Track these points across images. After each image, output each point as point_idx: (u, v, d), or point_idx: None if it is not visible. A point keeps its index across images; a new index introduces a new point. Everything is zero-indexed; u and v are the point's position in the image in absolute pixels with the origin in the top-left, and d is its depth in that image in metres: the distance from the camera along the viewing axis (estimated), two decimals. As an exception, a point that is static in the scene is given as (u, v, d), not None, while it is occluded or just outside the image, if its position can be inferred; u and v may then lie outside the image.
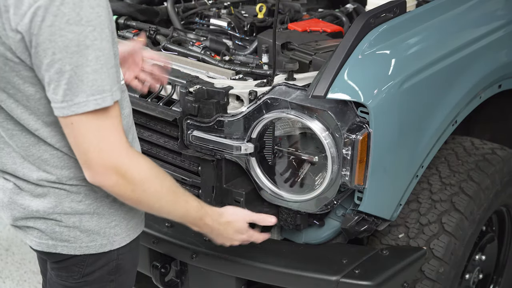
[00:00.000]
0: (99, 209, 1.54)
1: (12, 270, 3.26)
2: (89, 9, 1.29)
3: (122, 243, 1.60)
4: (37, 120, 1.44)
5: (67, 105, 1.33)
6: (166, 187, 1.50)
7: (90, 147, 1.36)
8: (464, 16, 2.25)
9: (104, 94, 1.34)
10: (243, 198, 2.01)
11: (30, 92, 1.39)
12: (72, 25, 1.28)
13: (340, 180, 1.89)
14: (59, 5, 1.27)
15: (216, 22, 2.61)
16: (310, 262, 1.99)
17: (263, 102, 1.93)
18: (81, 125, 1.35)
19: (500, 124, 2.81)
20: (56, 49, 1.29)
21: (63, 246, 1.56)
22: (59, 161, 1.49)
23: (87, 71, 1.31)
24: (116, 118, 1.38)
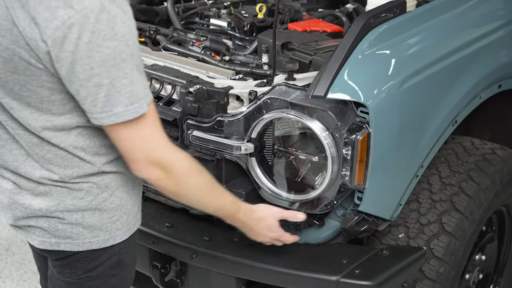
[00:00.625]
0: (100, 205, 1.56)
1: (12, 270, 3.26)
2: (122, 24, 1.35)
3: (123, 237, 1.62)
4: (45, 121, 1.46)
5: (106, 115, 1.39)
6: (205, 182, 1.60)
7: (133, 149, 1.45)
8: (464, 16, 2.25)
9: (140, 101, 1.41)
10: (243, 198, 2.01)
11: (45, 94, 1.42)
12: (108, 40, 1.33)
13: (340, 180, 1.89)
14: (94, 22, 1.32)
15: (216, 22, 2.61)
16: (310, 262, 1.99)
17: (263, 102, 1.93)
18: (122, 132, 1.43)
19: (500, 124, 2.81)
20: (94, 64, 1.34)
21: (66, 243, 1.57)
22: (62, 160, 1.51)
23: (123, 83, 1.37)
24: (153, 118, 1.45)
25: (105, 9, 1.33)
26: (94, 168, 1.53)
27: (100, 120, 1.41)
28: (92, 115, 1.41)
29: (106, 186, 1.56)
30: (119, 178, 1.58)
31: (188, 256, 2.06)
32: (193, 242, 2.06)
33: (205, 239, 2.06)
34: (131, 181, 1.61)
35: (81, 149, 1.50)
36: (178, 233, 2.11)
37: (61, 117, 1.45)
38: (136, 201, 1.65)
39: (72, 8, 1.31)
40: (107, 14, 1.33)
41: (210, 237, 2.07)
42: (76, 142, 1.49)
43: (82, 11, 1.31)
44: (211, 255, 2.03)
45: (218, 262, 2.03)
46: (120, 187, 1.59)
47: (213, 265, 2.05)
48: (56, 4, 1.31)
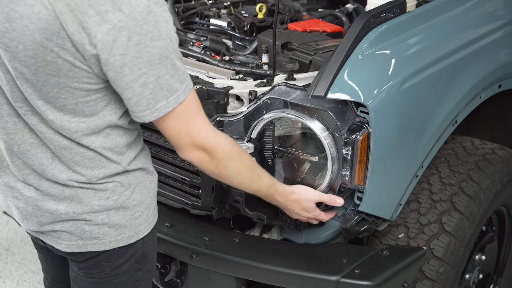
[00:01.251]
0: (125, 203, 1.59)
1: (12, 270, 3.26)
2: (165, 23, 1.41)
3: (146, 232, 1.66)
4: (78, 122, 1.48)
5: (150, 112, 1.45)
6: (245, 165, 1.66)
7: (179, 135, 1.52)
8: (464, 16, 2.25)
9: (179, 91, 1.46)
10: (243, 198, 2.01)
11: (82, 95, 1.45)
12: (156, 40, 1.39)
13: (340, 180, 1.89)
14: (142, 24, 1.36)
15: (216, 22, 2.60)
16: (310, 262, 1.99)
17: (263, 102, 1.93)
18: (166, 122, 1.49)
19: (500, 124, 2.81)
20: (142, 64, 1.39)
21: (93, 244, 1.60)
22: (90, 162, 1.54)
23: (166, 78, 1.43)
24: (195, 105, 1.51)
25: (152, 10, 1.37)
26: (120, 167, 1.57)
27: (142, 118, 1.46)
28: (135, 114, 1.47)
29: (129, 184, 1.60)
30: (139, 174, 1.62)
31: (188, 256, 2.06)
32: (193, 242, 2.06)
33: (205, 239, 2.06)
34: (148, 175, 1.66)
35: (109, 149, 1.53)
36: (178, 233, 2.11)
37: (93, 117, 1.48)
38: (154, 195, 1.69)
39: (121, 11, 1.35)
40: (153, 15, 1.38)
41: (210, 237, 2.07)
42: (105, 143, 1.52)
43: (131, 14, 1.35)
44: (211, 255, 2.03)
45: (218, 262, 2.03)
46: (140, 183, 1.63)
47: (213, 265, 2.05)
48: (106, 8, 1.34)
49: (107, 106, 1.49)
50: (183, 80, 1.47)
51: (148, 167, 1.66)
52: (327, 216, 1.96)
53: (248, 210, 2.03)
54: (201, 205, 2.09)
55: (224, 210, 2.07)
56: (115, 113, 1.50)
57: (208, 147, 1.55)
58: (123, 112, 1.52)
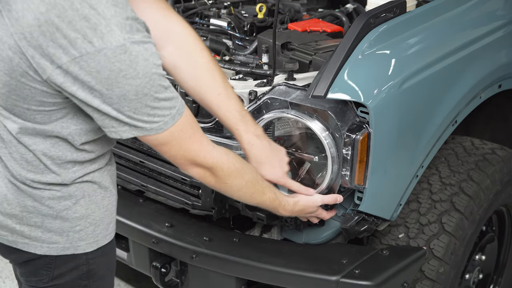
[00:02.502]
0: (61, 213, 1.52)
1: (12, 270, 3.26)
2: (144, 62, 1.32)
3: (88, 248, 1.57)
4: (24, 123, 1.42)
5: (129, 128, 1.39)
6: (246, 180, 1.66)
7: (175, 158, 1.51)
8: (464, 16, 2.25)
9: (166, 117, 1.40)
10: (243, 198, 2.01)
11: (36, 104, 1.39)
12: (130, 79, 1.32)
13: (340, 180, 1.89)
14: (114, 61, 1.30)
15: (216, 22, 2.60)
16: (310, 262, 1.99)
17: (263, 102, 1.93)
18: (159, 147, 1.47)
19: (500, 124, 2.81)
20: (113, 96, 1.33)
21: (23, 244, 1.54)
22: (27, 164, 1.47)
23: (146, 110, 1.36)
24: (188, 128, 1.47)
25: (127, 50, 1.30)
26: (58, 178, 1.49)
27: (120, 133, 1.40)
28: (112, 129, 1.39)
29: (70, 195, 1.52)
30: (86, 186, 1.54)
31: (188, 256, 2.05)
32: (193, 242, 2.06)
33: (205, 239, 2.06)
34: (101, 190, 1.57)
35: (50, 158, 1.46)
36: (178, 233, 2.11)
37: (44, 125, 1.42)
38: (106, 212, 1.59)
39: (91, 43, 1.28)
40: (128, 55, 1.30)
41: (210, 237, 2.07)
42: (48, 150, 1.46)
43: (102, 50, 1.28)
44: (211, 255, 2.03)
45: (218, 262, 2.03)
46: (87, 197, 1.54)
47: (213, 265, 2.05)
48: (75, 35, 1.27)
49: (62, 119, 1.42)
50: (171, 107, 1.40)
51: (102, 182, 1.56)
52: (328, 214, 1.97)
53: (248, 210, 2.03)
54: (201, 205, 2.09)
55: (224, 210, 2.07)
56: (68, 127, 1.43)
57: (207, 166, 1.54)
58: (78, 132, 1.45)
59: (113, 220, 1.64)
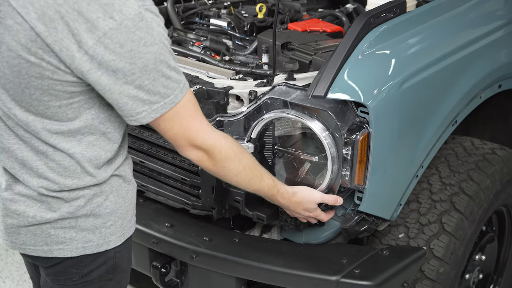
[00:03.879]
0: (95, 210, 1.55)
1: (12, 270, 3.26)
2: (158, 27, 1.40)
3: (117, 242, 1.61)
4: (60, 125, 1.45)
5: (147, 113, 1.44)
6: (244, 165, 1.66)
7: (177, 137, 1.52)
8: (464, 16, 2.25)
9: (176, 91, 1.45)
10: (243, 198, 2.01)
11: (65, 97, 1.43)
12: (149, 46, 1.37)
13: (340, 180, 1.89)
14: (135, 30, 1.36)
15: (216, 22, 2.61)
16: (310, 262, 1.99)
17: (263, 102, 1.93)
18: (163, 125, 1.48)
19: (500, 124, 2.81)
20: (136, 69, 1.39)
21: (59, 250, 1.55)
22: (64, 170, 1.50)
23: (161, 80, 1.42)
24: (192, 105, 1.50)
25: (143, 17, 1.36)
26: (94, 180, 1.53)
27: (139, 120, 1.45)
28: (132, 117, 1.45)
29: (101, 191, 1.55)
30: (114, 182, 1.58)
31: (188, 256, 2.06)
32: (193, 242, 2.06)
33: (205, 239, 2.06)
34: (125, 184, 1.61)
35: (88, 160, 1.50)
36: (178, 233, 2.11)
37: (76, 120, 1.46)
38: (130, 205, 1.64)
39: (112, 18, 1.33)
40: (145, 21, 1.36)
41: (210, 237, 2.07)
42: (85, 151, 1.49)
43: (123, 22, 1.34)
44: (211, 255, 2.03)
45: (218, 262, 2.03)
46: (115, 191, 1.58)
47: (213, 265, 2.05)
48: (96, 15, 1.33)
49: (91, 109, 1.46)
50: (179, 80, 1.46)
51: (126, 175, 1.62)
52: (327, 216, 1.96)
53: (248, 210, 2.03)
54: (201, 205, 2.09)
55: (224, 210, 2.07)
56: (98, 117, 1.48)
57: (206, 147, 1.55)
58: (107, 118, 1.50)
59: (134, 211, 1.69)
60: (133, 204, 1.66)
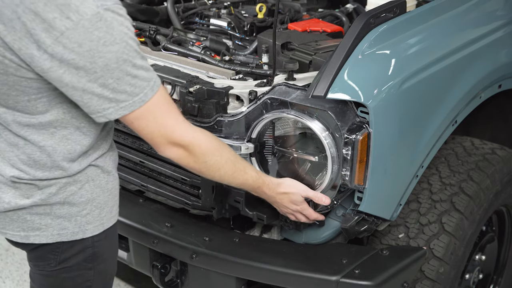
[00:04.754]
0: (68, 198, 1.57)
1: (12, 270, 3.26)
2: (119, 27, 1.39)
3: (95, 231, 1.63)
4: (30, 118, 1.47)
5: (114, 110, 1.43)
6: (225, 158, 1.66)
7: (153, 136, 1.52)
8: (464, 16, 2.25)
9: (145, 89, 1.44)
10: (243, 198, 2.01)
11: (33, 92, 1.44)
12: (109, 46, 1.37)
13: (340, 180, 1.89)
14: (92, 30, 1.35)
15: (216, 22, 2.61)
16: (310, 262, 1.99)
17: (263, 102, 1.93)
18: (137, 123, 1.48)
19: (500, 124, 2.81)
20: (97, 68, 1.38)
21: (35, 236, 1.58)
22: (34, 163, 1.52)
23: (127, 79, 1.41)
24: (165, 103, 1.50)
25: (102, 17, 1.36)
26: (64, 174, 1.54)
27: (107, 116, 1.44)
28: (99, 113, 1.44)
29: (74, 180, 1.56)
30: (90, 172, 1.59)
31: (188, 256, 2.05)
32: (193, 242, 2.06)
33: (205, 239, 2.06)
34: (104, 175, 1.62)
35: (60, 153, 1.51)
36: (178, 233, 2.11)
37: (47, 113, 1.47)
38: (110, 195, 1.65)
39: (69, 19, 1.34)
40: (104, 21, 1.36)
41: (210, 237, 2.07)
42: (57, 145, 1.50)
43: (80, 22, 1.34)
44: (211, 255, 2.03)
45: (218, 262, 2.03)
46: (91, 181, 1.59)
47: (213, 265, 2.05)
48: (53, 15, 1.33)
49: (63, 103, 1.47)
50: (149, 78, 1.45)
51: (105, 166, 1.62)
52: (315, 214, 1.95)
53: (248, 210, 2.03)
54: (201, 205, 2.09)
55: (224, 210, 2.07)
56: (69, 111, 1.48)
57: (184, 143, 1.54)
58: (79, 112, 1.49)
59: (116, 203, 1.69)
60: (114, 195, 1.67)
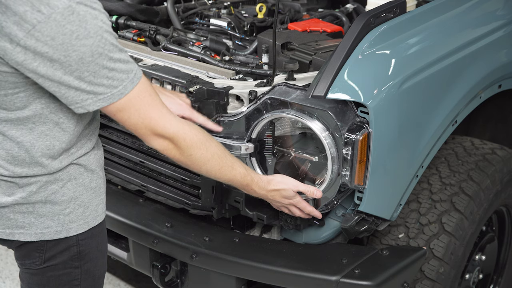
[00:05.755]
0: (50, 197, 1.56)
1: (12, 270, 3.26)
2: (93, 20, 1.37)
3: (79, 230, 1.62)
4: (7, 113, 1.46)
5: (92, 101, 1.42)
6: (211, 152, 1.64)
7: (136, 127, 1.51)
8: (464, 16, 2.25)
9: (124, 82, 1.44)
10: (243, 198, 2.01)
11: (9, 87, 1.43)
12: (83, 39, 1.36)
13: (340, 180, 1.89)
14: (65, 24, 1.34)
15: (216, 22, 2.61)
16: (310, 262, 1.99)
17: (263, 102, 1.93)
18: (119, 115, 1.48)
19: (500, 124, 2.81)
20: (72, 62, 1.37)
21: (19, 234, 1.58)
22: (13, 159, 1.51)
23: (104, 72, 1.40)
24: (147, 95, 1.49)
25: (74, 10, 1.35)
26: (44, 170, 1.53)
27: (85, 107, 1.43)
28: (77, 104, 1.43)
29: (55, 179, 1.56)
30: (72, 170, 1.58)
31: (188, 256, 2.06)
32: (193, 242, 2.06)
33: (205, 239, 2.06)
34: (88, 173, 1.61)
35: (39, 149, 1.50)
36: (178, 233, 2.11)
37: (25, 109, 1.46)
38: (93, 194, 1.64)
39: (40, 12, 1.33)
40: (76, 15, 1.35)
41: (210, 237, 2.07)
42: (36, 141, 1.49)
43: (51, 15, 1.33)
44: (211, 255, 2.03)
45: (218, 262, 2.03)
46: (73, 180, 1.58)
47: (213, 265, 2.05)
48: (24, 8, 1.33)
49: (41, 99, 1.46)
50: (128, 70, 1.44)
51: (88, 165, 1.61)
52: (309, 206, 1.93)
53: (248, 210, 2.03)
54: (201, 205, 2.09)
55: (224, 210, 2.07)
56: (48, 106, 1.47)
57: (169, 135, 1.54)
58: (58, 107, 1.49)
59: (102, 201, 1.68)
60: (98, 193, 1.66)
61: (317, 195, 1.90)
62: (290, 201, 1.90)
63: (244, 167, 1.76)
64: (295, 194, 1.88)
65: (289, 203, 1.91)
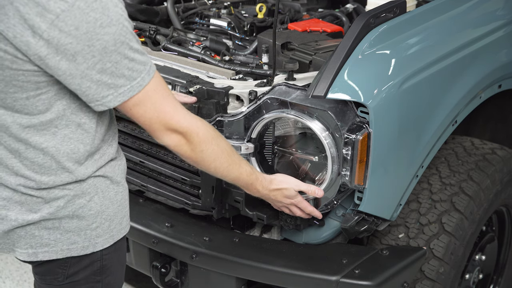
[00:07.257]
0: (77, 211, 1.53)
1: (12, 270, 3.26)
2: (114, 8, 1.36)
3: (105, 244, 1.58)
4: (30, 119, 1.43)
5: (113, 97, 1.41)
6: (222, 148, 1.63)
7: (151, 122, 1.49)
8: (464, 16, 2.25)
9: (142, 73, 1.42)
10: (243, 198, 2.01)
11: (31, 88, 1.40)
12: (106, 27, 1.34)
13: (340, 180, 1.89)
14: (88, 12, 1.32)
15: (216, 22, 2.61)
16: (310, 262, 1.99)
17: (263, 102, 1.93)
18: (135, 110, 1.46)
19: (500, 124, 2.81)
20: (95, 52, 1.35)
21: (44, 252, 1.54)
22: (39, 168, 1.47)
23: (125, 63, 1.39)
24: (162, 88, 1.48)
25: None
26: (72, 176, 1.49)
27: (106, 104, 1.42)
28: (98, 102, 1.41)
29: (83, 192, 1.52)
30: (99, 182, 1.54)
31: (188, 256, 2.06)
32: (193, 242, 2.06)
33: (205, 239, 2.06)
34: (113, 186, 1.58)
35: (65, 154, 1.47)
36: (178, 233, 2.11)
37: (47, 112, 1.43)
38: (119, 207, 1.60)
39: (63, 0, 1.30)
40: (99, 2, 1.33)
41: (210, 237, 2.07)
42: (61, 145, 1.46)
43: (75, 3, 1.31)
44: (211, 255, 2.03)
45: (218, 262, 2.03)
46: (100, 193, 1.55)
47: (213, 265, 2.05)
48: None
49: (62, 100, 1.43)
50: (145, 62, 1.43)
51: (114, 176, 1.58)
52: (310, 206, 1.93)
53: (248, 210, 2.03)
54: (201, 205, 2.09)
55: (224, 210, 2.08)
56: (69, 107, 1.45)
57: (182, 130, 1.52)
58: (78, 107, 1.46)
59: (126, 214, 1.65)
60: (124, 206, 1.63)
61: (319, 194, 1.90)
62: (291, 201, 1.89)
63: (250, 165, 1.75)
64: (296, 194, 1.88)
65: (290, 203, 1.90)
